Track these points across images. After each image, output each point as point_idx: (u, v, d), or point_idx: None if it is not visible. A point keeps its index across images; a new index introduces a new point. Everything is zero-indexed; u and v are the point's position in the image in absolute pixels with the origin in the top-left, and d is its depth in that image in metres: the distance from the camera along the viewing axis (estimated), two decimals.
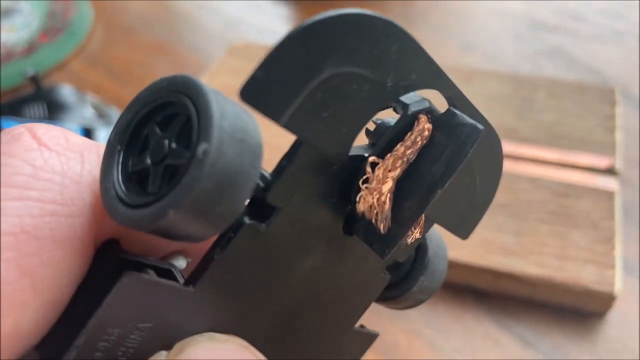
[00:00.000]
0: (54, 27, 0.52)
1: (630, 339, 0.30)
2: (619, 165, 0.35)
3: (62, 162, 0.11)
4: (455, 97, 0.13)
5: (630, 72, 0.43)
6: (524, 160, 0.35)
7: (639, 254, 0.33)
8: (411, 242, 0.14)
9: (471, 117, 0.13)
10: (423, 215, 0.13)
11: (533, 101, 0.38)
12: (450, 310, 0.32)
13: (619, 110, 0.38)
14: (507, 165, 0.35)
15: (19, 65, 0.48)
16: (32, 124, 0.12)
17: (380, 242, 0.13)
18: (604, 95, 0.38)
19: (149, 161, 0.11)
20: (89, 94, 0.44)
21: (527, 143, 0.36)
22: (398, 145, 0.12)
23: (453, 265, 0.31)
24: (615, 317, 0.31)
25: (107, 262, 0.12)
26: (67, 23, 0.53)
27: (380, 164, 0.12)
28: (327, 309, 0.15)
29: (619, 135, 0.36)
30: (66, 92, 0.42)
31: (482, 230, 0.32)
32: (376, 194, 0.12)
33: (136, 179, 0.11)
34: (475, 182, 0.15)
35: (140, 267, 0.11)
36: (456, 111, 0.13)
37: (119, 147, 0.11)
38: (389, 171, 0.12)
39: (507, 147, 0.36)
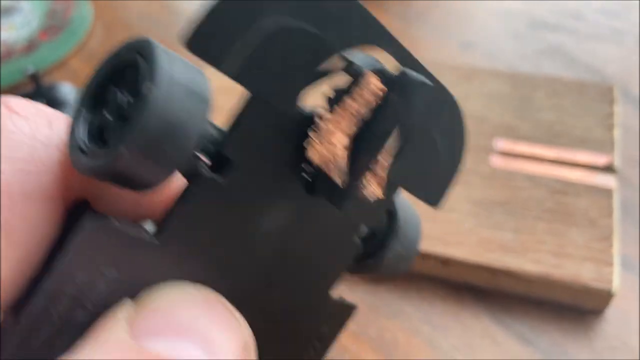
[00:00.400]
0: (54, 26, 0.52)
1: (629, 337, 0.30)
2: (617, 163, 0.35)
3: (32, 126, 0.12)
4: (404, 57, 0.14)
5: (630, 71, 0.43)
6: (522, 158, 0.35)
7: (638, 251, 0.33)
8: (375, 203, 0.14)
9: (422, 76, 0.13)
10: (385, 174, 0.13)
11: (532, 100, 0.38)
12: (448, 308, 0.32)
13: (618, 109, 0.38)
14: (506, 163, 0.35)
15: (19, 63, 0.49)
16: (4, 96, 0.13)
17: (338, 195, 0.13)
18: (602, 94, 0.38)
19: (107, 115, 0.11)
20: None
21: (526, 141, 0.36)
22: (345, 98, 0.13)
23: (451, 262, 0.31)
24: (614, 315, 0.31)
25: (76, 221, 0.12)
26: (67, 21, 0.53)
27: (329, 115, 0.13)
28: (299, 272, 0.15)
29: (617, 133, 0.36)
30: (66, 89, 0.42)
31: (480, 228, 0.32)
32: (327, 143, 0.13)
33: (97, 134, 0.12)
34: (437, 144, 0.15)
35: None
36: (407, 70, 0.13)
37: (82, 108, 0.12)
38: (337, 122, 0.13)
39: (506, 145, 0.36)
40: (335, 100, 0.13)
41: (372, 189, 0.14)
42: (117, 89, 0.12)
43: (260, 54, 0.12)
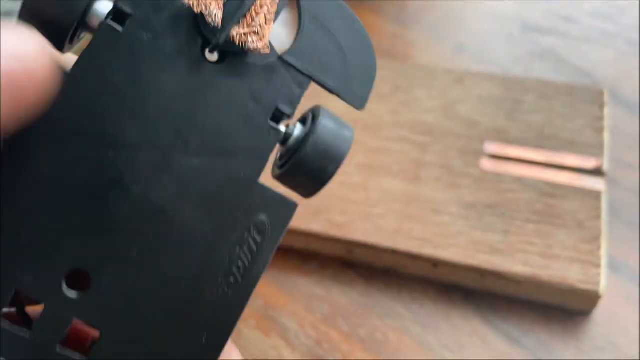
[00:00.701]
0: None
1: (616, 337, 0.31)
2: (606, 166, 0.35)
3: None
4: None
5: (621, 74, 0.43)
6: (512, 161, 0.36)
7: (625, 253, 0.34)
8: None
9: None
10: (265, 32, 0.15)
11: (523, 102, 0.39)
12: (439, 309, 0.33)
13: (608, 112, 0.38)
14: (496, 166, 0.35)
15: None
16: None
17: (214, 32, 0.15)
18: (592, 97, 0.39)
19: None
20: None
21: (516, 144, 0.36)
22: None
23: (441, 264, 0.32)
24: (601, 315, 0.32)
25: None
26: None
27: None
28: (217, 146, 0.15)
29: (607, 137, 0.37)
30: None
31: (470, 230, 0.33)
32: None
33: None
34: (338, 41, 0.16)
35: None
36: None
37: None
38: None
39: (497, 148, 0.36)
40: None
41: (254, 42, 0.15)
42: None
43: None
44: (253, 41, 0.15)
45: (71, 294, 0.14)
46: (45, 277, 0.14)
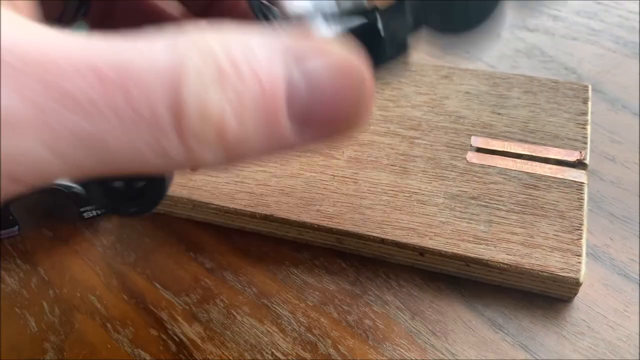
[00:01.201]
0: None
1: (595, 323, 0.32)
2: (589, 159, 0.36)
3: None
4: None
5: (604, 70, 0.44)
6: (497, 155, 0.37)
7: (605, 242, 0.35)
8: None
9: None
10: None
11: (509, 98, 0.40)
12: (425, 296, 0.34)
13: (592, 107, 0.39)
14: (482, 159, 0.37)
15: None
16: None
17: None
18: (576, 92, 0.40)
19: None
20: None
21: (501, 138, 0.38)
22: None
23: (428, 252, 0.33)
24: (581, 302, 0.33)
25: None
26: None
27: None
28: None
29: (590, 131, 0.38)
30: None
31: (455, 220, 0.34)
32: None
33: None
34: None
35: None
36: None
37: None
38: None
39: (482, 142, 0.38)
40: None
41: None
42: None
43: None
44: None
45: None
46: None
